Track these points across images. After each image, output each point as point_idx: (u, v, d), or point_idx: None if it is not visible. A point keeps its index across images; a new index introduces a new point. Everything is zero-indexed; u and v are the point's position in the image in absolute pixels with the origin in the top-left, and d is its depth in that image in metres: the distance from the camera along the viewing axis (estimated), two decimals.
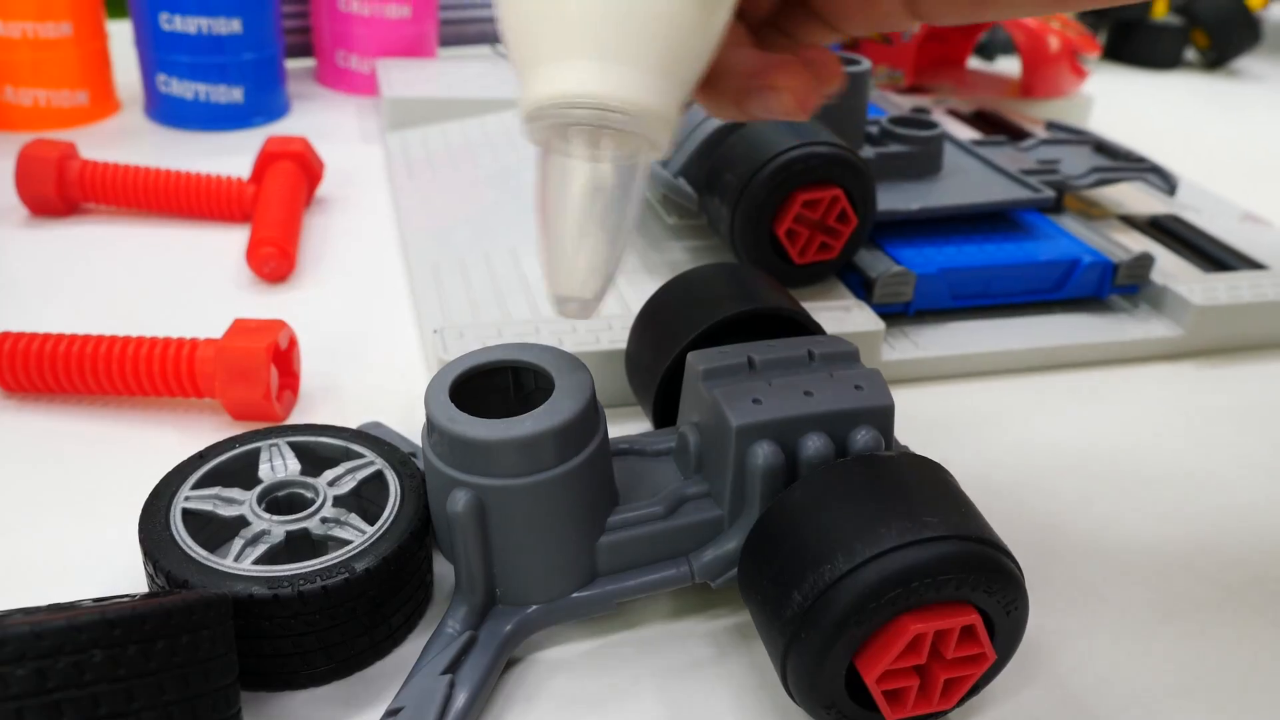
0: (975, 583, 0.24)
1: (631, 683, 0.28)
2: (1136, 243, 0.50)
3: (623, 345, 0.36)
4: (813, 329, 0.33)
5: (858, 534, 0.24)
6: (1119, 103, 0.79)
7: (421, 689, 0.25)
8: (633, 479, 0.29)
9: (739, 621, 0.30)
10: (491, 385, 0.29)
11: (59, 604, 0.25)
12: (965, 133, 0.63)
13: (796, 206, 0.39)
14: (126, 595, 0.25)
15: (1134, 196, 0.55)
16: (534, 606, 0.28)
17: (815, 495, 0.26)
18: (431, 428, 0.27)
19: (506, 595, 0.28)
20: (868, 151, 0.46)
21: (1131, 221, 0.53)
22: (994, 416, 0.40)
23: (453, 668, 0.26)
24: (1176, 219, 0.53)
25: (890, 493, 0.25)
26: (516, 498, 0.26)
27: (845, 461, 0.26)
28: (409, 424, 0.36)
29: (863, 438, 0.27)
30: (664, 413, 0.33)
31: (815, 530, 0.25)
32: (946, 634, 0.24)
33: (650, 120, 0.22)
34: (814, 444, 0.27)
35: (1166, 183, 0.54)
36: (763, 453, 0.27)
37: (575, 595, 0.28)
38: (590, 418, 0.27)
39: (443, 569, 0.30)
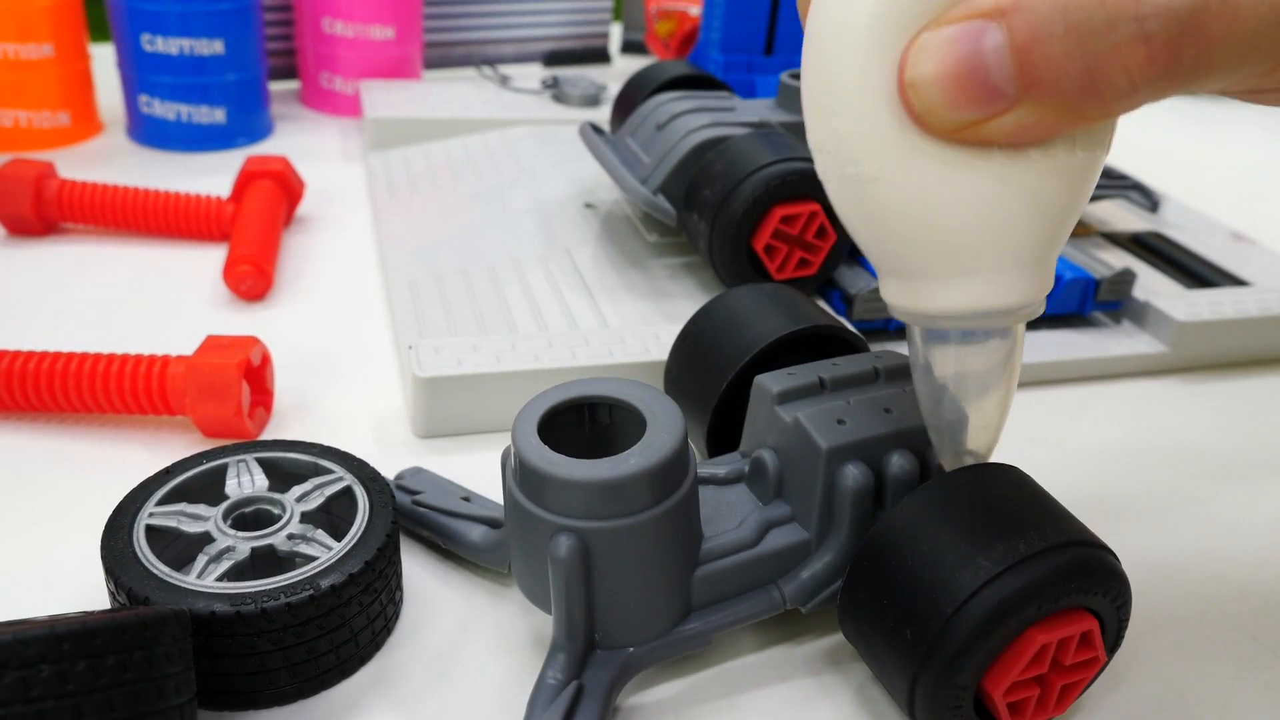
0: (1094, 587, 0.24)
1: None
2: (1118, 259, 0.50)
3: (634, 366, 0.37)
4: (859, 345, 0.32)
5: (978, 551, 0.23)
6: None
7: None
8: (709, 508, 0.28)
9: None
10: (563, 422, 0.27)
11: (9, 620, 0.24)
12: None
13: (774, 222, 0.39)
14: (82, 612, 0.25)
15: (1116, 214, 0.55)
16: (632, 648, 0.26)
17: (922, 515, 0.25)
18: (524, 472, 0.25)
19: (606, 639, 0.26)
20: None
21: (1114, 238, 0.53)
22: None
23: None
24: (1159, 236, 0.53)
25: (995, 505, 0.25)
26: (623, 538, 0.25)
27: (943, 478, 0.26)
28: (382, 440, 0.36)
29: None
30: (719, 438, 0.32)
31: (931, 551, 0.24)
32: (1066, 641, 0.24)
33: (1033, 307, 0.22)
34: (899, 462, 0.27)
35: (1148, 200, 0.54)
36: (853, 474, 0.26)
37: (674, 633, 0.27)
38: (685, 451, 0.26)
39: (413, 588, 0.30)
